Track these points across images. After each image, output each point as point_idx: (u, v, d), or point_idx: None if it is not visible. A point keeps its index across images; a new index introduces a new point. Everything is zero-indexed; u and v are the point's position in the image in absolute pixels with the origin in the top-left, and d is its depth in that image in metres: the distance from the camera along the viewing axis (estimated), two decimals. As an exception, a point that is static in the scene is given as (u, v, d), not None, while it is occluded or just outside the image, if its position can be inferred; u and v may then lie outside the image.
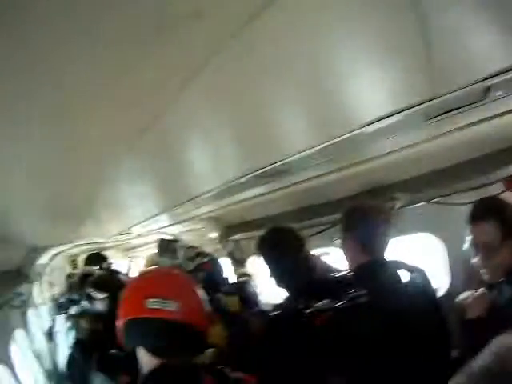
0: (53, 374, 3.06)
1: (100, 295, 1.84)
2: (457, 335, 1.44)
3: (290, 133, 1.12)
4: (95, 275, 2.34)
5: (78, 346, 1.82)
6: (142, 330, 1.03)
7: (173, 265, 1.24)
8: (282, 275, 1.68)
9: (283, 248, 1.68)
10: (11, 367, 2.26)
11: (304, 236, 1.78)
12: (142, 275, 1.20)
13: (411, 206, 1.86)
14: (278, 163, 1.32)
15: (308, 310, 1.43)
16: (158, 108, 0.79)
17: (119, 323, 1.08)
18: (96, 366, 1.55)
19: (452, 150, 1.49)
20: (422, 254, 2.08)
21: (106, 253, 6.49)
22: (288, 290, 1.68)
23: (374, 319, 1.29)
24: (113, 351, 1.57)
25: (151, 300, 1.01)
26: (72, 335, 2.62)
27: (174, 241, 1.32)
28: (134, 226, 3.03)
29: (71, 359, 1.79)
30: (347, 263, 1.60)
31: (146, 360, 1.05)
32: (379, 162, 1.49)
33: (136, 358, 1.37)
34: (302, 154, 1.21)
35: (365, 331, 1.27)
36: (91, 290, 1.89)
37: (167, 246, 1.31)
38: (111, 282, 1.97)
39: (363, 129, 1.03)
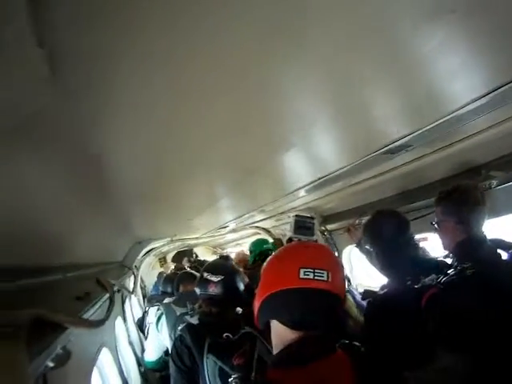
0: (142, 361, 3.19)
1: (215, 278, 1.88)
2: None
3: (390, 119, 1.16)
4: (210, 261, 2.47)
5: (190, 330, 1.77)
6: (290, 301, 1.01)
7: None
8: (388, 255, 1.74)
9: (389, 228, 1.76)
10: (114, 352, 2.41)
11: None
12: (286, 248, 1.16)
13: (507, 184, 1.76)
14: (376, 153, 1.38)
15: (416, 286, 1.51)
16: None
17: (262, 296, 1.06)
18: (209, 349, 1.55)
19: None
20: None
21: (195, 250, 6.95)
22: (393, 269, 1.74)
23: (481, 290, 1.30)
24: (226, 334, 1.57)
25: (304, 270, 0.99)
26: (166, 324, 2.75)
27: (311, 217, 1.34)
28: (230, 221, 3.27)
29: (180, 343, 1.75)
30: (445, 245, 1.64)
31: (284, 334, 1.03)
32: (474, 140, 1.47)
33: (249, 340, 1.42)
34: (401, 140, 1.27)
35: (474, 302, 1.30)
36: (206, 273, 1.91)
37: (303, 223, 1.32)
38: (226, 266, 2.02)
39: (460, 110, 1.06)
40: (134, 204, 1.70)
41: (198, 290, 1.95)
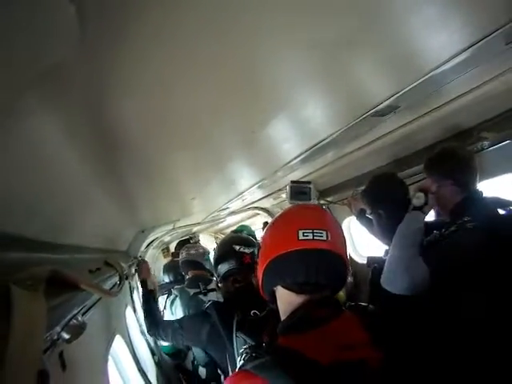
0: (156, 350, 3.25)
1: (248, 250, 1.91)
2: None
3: (375, 79, 1.19)
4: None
5: (216, 307, 1.79)
6: (292, 264, 1.01)
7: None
8: (390, 217, 1.78)
9: (389, 190, 1.84)
10: (127, 338, 2.49)
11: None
12: (284, 213, 1.15)
13: (499, 145, 1.80)
14: (366, 115, 1.40)
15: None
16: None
17: (264, 263, 1.06)
18: (238, 327, 1.56)
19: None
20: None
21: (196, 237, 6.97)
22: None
23: (483, 241, 1.35)
24: (254, 311, 1.59)
25: (303, 231, 0.99)
26: (180, 305, 2.87)
27: (307, 182, 1.35)
28: (230, 201, 3.29)
29: (207, 322, 1.77)
30: (442, 209, 1.68)
31: (290, 299, 1.04)
32: (462, 101, 1.48)
33: (277, 317, 1.49)
34: (388, 100, 1.29)
35: (476, 249, 1.35)
36: (238, 246, 1.93)
37: (299, 189, 1.34)
38: (249, 238, 2.06)
39: (442, 67, 1.07)
40: (138, 182, 1.71)
41: (227, 265, 1.93)
